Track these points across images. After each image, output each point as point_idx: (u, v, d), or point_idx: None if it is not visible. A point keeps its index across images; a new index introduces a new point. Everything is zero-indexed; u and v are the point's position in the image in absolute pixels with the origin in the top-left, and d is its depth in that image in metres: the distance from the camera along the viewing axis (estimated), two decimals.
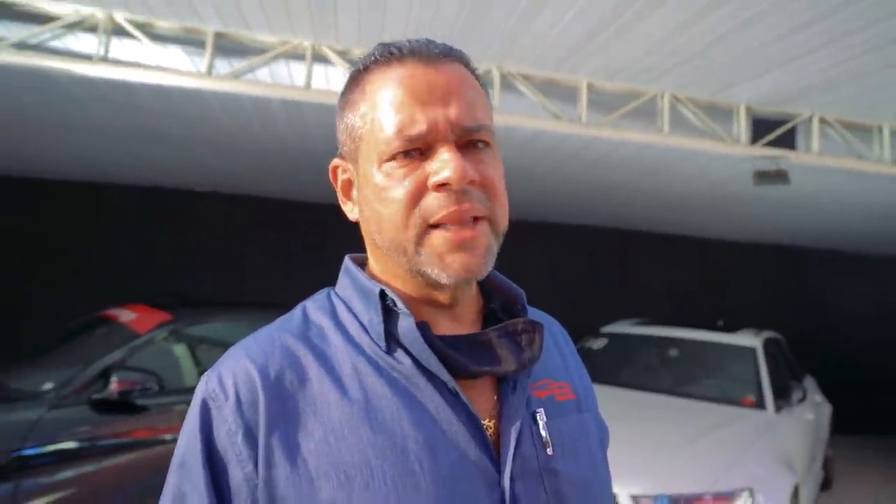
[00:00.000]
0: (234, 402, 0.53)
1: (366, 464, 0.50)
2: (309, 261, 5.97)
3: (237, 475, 0.52)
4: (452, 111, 0.55)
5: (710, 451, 2.88)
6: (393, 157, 0.55)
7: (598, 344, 4.31)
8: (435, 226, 0.54)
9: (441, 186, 0.53)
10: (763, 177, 3.50)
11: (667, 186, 4.94)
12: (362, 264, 0.66)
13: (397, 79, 0.56)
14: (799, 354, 5.02)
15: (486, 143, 0.58)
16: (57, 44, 2.65)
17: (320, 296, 0.65)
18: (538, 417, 0.58)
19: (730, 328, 4.40)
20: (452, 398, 0.55)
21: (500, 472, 0.53)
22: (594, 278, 7.06)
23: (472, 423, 0.54)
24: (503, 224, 0.59)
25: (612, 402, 3.07)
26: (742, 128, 3.22)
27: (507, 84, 2.89)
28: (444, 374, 0.54)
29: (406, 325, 0.55)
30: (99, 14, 2.54)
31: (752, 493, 2.57)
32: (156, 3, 2.46)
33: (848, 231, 6.51)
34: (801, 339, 5.66)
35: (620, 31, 2.46)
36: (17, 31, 2.55)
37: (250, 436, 0.52)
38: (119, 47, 2.69)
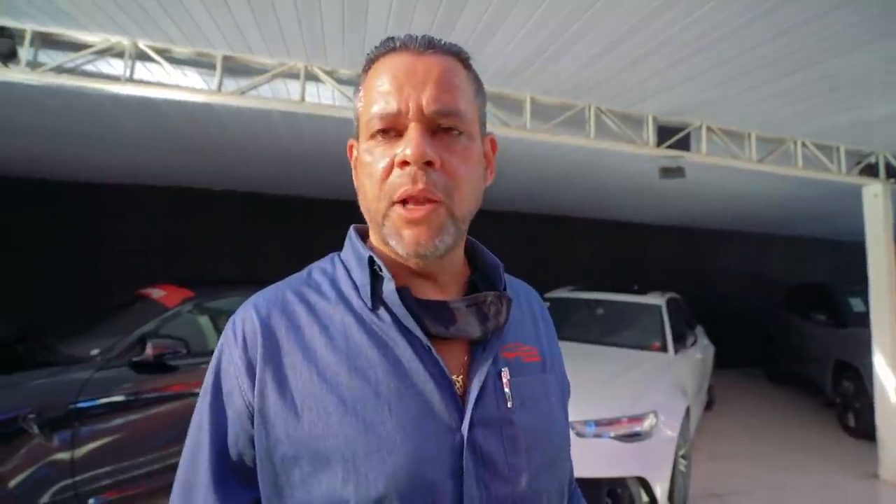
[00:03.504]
0: (242, 343, 0.51)
1: (342, 402, 0.48)
2: (307, 246, 5.90)
3: (239, 402, 0.51)
4: (424, 95, 0.49)
5: (626, 385, 2.97)
6: (373, 136, 0.51)
7: None
8: (398, 202, 0.49)
9: (403, 163, 0.48)
10: (666, 172, 3.56)
11: (593, 179, 5.00)
12: (364, 233, 0.61)
13: (387, 66, 0.52)
14: (692, 309, 5.23)
15: (461, 132, 0.51)
16: (90, 67, 2.50)
17: (327, 259, 0.61)
18: (502, 375, 0.54)
19: (642, 291, 4.54)
20: (425, 353, 0.51)
21: (462, 419, 0.50)
22: (539, 255, 7.14)
23: (441, 375, 0.50)
24: (461, 210, 0.52)
25: None
26: (650, 133, 3.27)
27: None
28: (419, 332, 0.51)
29: (388, 287, 0.52)
30: (125, 42, 2.41)
31: (656, 414, 2.68)
32: (173, 32, 2.35)
33: (727, 214, 6.73)
34: (694, 297, 5.90)
35: (555, 55, 2.48)
36: (56, 57, 2.41)
37: (251, 370, 0.50)
38: (142, 69, 2.58)
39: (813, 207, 5.89)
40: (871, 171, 3.86)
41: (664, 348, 3.66)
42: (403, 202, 0.49)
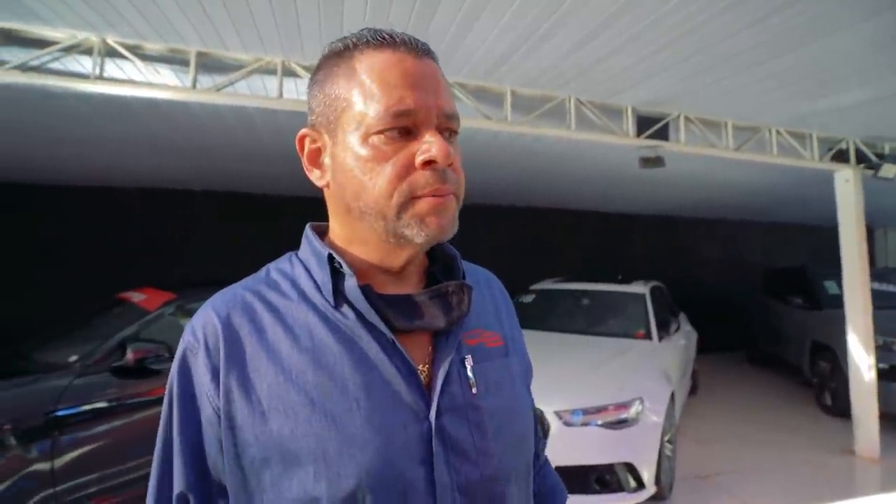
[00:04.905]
0: (205, 348, 0.51)
1: (309, 401, 0.49)
2: (291, 244, 5.83)
3: (208, 409, 0.50)
4: (439, 99, 0.51)
5: (612, 373, 3.00)
6: (380, 132, 0.50)
7: (528, 298, 4.43)
8: (421, 196, 0.51)
9: (427, 164, 0.50)
10: (646, 162, 3.61)
11: (575, 171, 5.04)
12: (321, 231, 0.62)
13: (390, 62, 0.51)
14: (675, 296, 5.32)
15: (455, 133, 0.55)
16: (56, 65, 2.42)
17: (284, 258, 0.61)
18: (466, 362, 0.55)
19: (626, 280, 4.60)
20: (390, 347, 0.52)
21: (429, 407, 0.51)
22: (524, 247, 7.17)
23: (407, 367, 0.52)
24: (462, 199, 0.56)
25: (539, 342, 3.17)
26: (629, 124, 3.30)
27: None
28: (383, 327, 0.52)
29: (350, 284, 0.52)
30: (93, 38, 2.34)
31: (642, 400, 2.73)
32: (143, 28, 2.29)
33: (707, 202, 6.85)
34: (676, 284, 6.01)
35: (530, 50, 2.49)
36: (19, 55, 2.32)
37: (216, 376, 0.50)
38: (113, 67, 2.50)
39: (789, 194, 6.04)
40: (841, 157, 3.97)
41: (648, 336, 3.72)
42: (423, 197, 0.51)
